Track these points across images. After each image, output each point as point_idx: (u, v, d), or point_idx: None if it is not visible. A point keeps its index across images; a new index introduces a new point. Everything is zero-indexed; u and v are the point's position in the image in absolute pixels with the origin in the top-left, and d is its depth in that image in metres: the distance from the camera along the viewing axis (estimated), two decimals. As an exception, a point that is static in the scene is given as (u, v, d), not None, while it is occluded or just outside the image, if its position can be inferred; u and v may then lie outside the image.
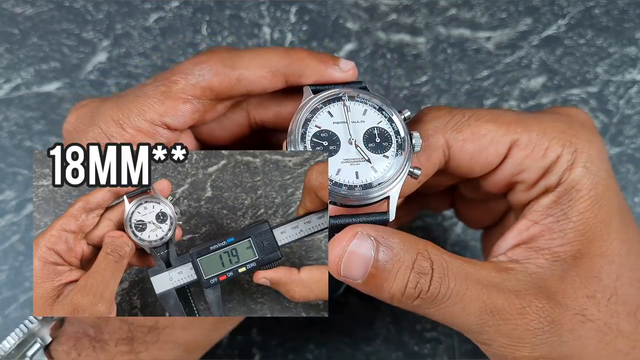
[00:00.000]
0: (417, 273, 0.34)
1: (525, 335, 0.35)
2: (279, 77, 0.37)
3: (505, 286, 0.35)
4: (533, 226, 0.38)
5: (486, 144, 0.37)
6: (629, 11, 0.56)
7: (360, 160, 0.35)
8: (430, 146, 0.37)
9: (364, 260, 0.34)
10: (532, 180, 0.38)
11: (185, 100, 0.37)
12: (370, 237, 0.34)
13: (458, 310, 0.34)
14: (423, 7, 0.57)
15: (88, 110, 0.38)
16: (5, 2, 0.56)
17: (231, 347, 0.49)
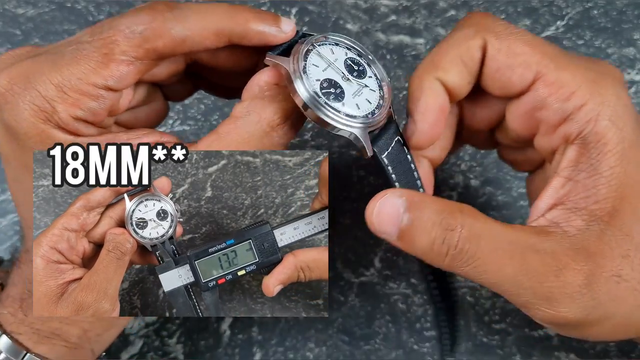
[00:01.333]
0: (445, 229, 0.35)
1: (561, 297, 0.35)
2: (222, 38, 0.37)
3: (542, 247, 0.35)
4: (567, 183, 0.37)
5: (516, 63, 0.38)
6: (627, 12, 0.56)
7: (362, 89, 0.37)
8: (472, 48, 0.38)
9: (396, 217, 0.35)
10: (552, 122, 0.38)
11: (128, 62, 0.36)
12: (403, 196, 0.35)
13: (493, 271, 0.35)
14: (422, 8, 0.57)
15: (21, 70, 0.36)
16: (7, 3, 0.57)
17: (231, 346, 0.49)
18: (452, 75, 0.38)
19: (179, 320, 0.50)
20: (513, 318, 0.49)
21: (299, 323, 0.50)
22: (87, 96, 0.35)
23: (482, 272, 0.35)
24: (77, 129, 0.36)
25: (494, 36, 0.38)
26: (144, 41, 0.35)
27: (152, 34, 0.35)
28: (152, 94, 0.42)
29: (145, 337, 0.49)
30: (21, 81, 0.36)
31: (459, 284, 0.51)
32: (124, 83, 0.36)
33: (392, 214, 0.35)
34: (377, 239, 0.52)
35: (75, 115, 0.35)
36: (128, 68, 0.36)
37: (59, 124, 0.35)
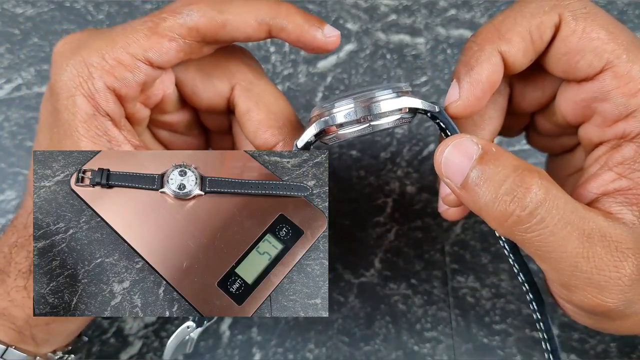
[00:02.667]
0: (518, 185, 0.32)
1: (614, 288, 0.33)
2: (263, 27, 0.37)
3: (610, 233, 0.33)
4: (620, 179, 0.36)
5: (588, 49, 0.35)
6: (627, 11, 0.56)
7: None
8: (545, 25, 0.36)
9: (466, 162, 0.33)
10: (611, 116, 0.36)
11: (171, 38, 0.36)
12: (479, 143, 0.33)
13: (555, 243, 0.32)
14: (423, 8, 0.57)
15: (77, 37, 0.38)
16: (6, 3, 0.57)
17: (231, 346, 0.49)
18: (516, 49, 0.36)
19: (178, 321, 0.50)
20: (514, 319, 0.49)
21: (299, 324, 0.50)
22: (124, 65, 0.36)
23: (543, 244, 0.33)
24: (105, 102, 0.36)
25: (570, 14, 0.36)
26: (189, 19, 0.36)
27: (197, 14, 0.36)
28: (195, 128, 0.43)
29: (144, 338, 0.49)
30: (73, 46, 0.37)
31: (459, 284, 0.51)
32: (164, 58, 0.37)
33: (462, 159, 0.33)
34: (378, 240, 0.52)
35: (110, 84, 0.36)
36: (169, 43, 0.36)
37: (90, 92, 0.36)
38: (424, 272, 0.51)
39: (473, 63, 0.36)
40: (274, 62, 0.57)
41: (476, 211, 0.34)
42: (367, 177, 0.54)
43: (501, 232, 0.34)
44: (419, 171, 0.54)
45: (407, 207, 0.53)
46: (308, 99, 0.56)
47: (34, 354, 0.39)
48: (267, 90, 0.39)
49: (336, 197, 0.53)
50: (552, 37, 0.36)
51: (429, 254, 0.52)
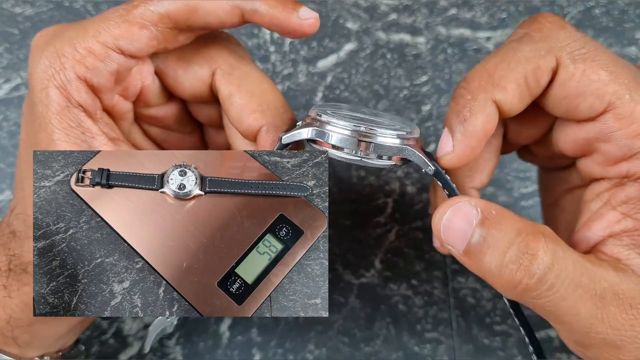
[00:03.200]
0: (523, 253, 0.31)
1: (630, 347, 0.32)
2: (235, 11, 0.36)
3: (621, 289, 0.32)
4: (625, 219, 0.35)
5: (589, 91, 0.34)
6: (629, 11, 0.56)
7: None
8: (541, 70, 0.34)
9: (467, 228, 0.32)
10: (613, 157, 0.35)
11: (142, 25, 0.36)
12: (478, 206, 0.32)
13: (567, 306, 0.31)
14: (423, 7, 0.56)
15: (53, 30, 0.38)
16: (5, 2, 0.56)
17: (231, 347, 0.49)
18: (512, 97, 0.35)
19: (178, 322, 0.49)
20: (514, 320, 0.49)
21: (299, 324, 0.50)
22: (94, 54, 0.36)
23: (555, 309, 0.32)
24: (77, 93, 0.36)
25: (568, 57, 0.34)
26: (159, 6, 0.36)
27: (168, 0, 0.36)
28: (187, 124, 0.43)
29: (144, 338, 0.49)
30: (47, 38, 0.37)
31: (459, 284, 0.51)
32: (135, 46, 0.36)
33: (463, 224, 0.32)
34: (378, 241, 0.52)
35: (81, 74, 0.36)
36: (141, 31, 0.36)
37: (63, 83, 0.36)
38: (424, 272, 0.51)
39: (466, 114, 0.35)
40: (273, 61, 0.57)
41: (482, 276, 0.32)
42: (368, 177, 0.54)
43: (510, 297, 0.32)
44: (420, 171, 0.54)
45: (407, 208, 0.53)
46: (308, 98, 0.56)
47: (18, 357, 0.38)
48: (249, 74, 0.38)
49: (336, 197, 0.53)
50: (549, 80, 0.35)
51: (430, 255, 0.52)
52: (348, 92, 0.54)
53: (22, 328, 0.38)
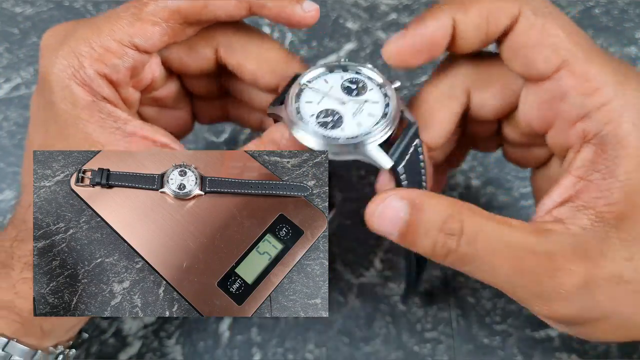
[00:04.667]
0: (446, 234, 0.35)
1: (556, 296, 0.35)
2: (244, 4, 0.38)
3: (540, 249, 0.35)
4: (578, 182, 0.36)
5: (546, 44, 0.36)
6: (628, 11, 0.56)
7: (362, 104, 0.37)
8: (504, 10, 0.36)
9: (396, 219, 0.35)
10: (570, 116, 0.37)
11: (154, 22, 0.38)
12: (404, 198, 0.35)
13: (488, 270, 0.35)
14: (423, 7, 0.57)
15: (63, 29, 0.39)
16: (5, 2, 0.57)
17: (231, 347, 0.49)
18: (470, 21, 0.37)
19: (178, 321, 0.50)
20: (514, 319, 0.49)
21: (299, 324, 0.50)
22: (112, 52, 0.37)
23: (479, 272, 0.36)
24: (99, 88, 0.37)
25: (530, 9, 0.36)
26: (170, 3, 0.37)
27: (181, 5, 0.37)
28: (181, 99, 0.45)
29: (143, 338, 0.49)
30: (59, 37, 0.38)
31: (459, 284, 0.51)
32: (149, 42, 0.38)
33: (393, 217, 0.35)
34: (378, 240, 0.52)
35: (100, 71, 0.37)
36: (154, 28, 0.38)
37: (84, 80, 0.37)
38: (424, 272, 0.51)
39: (424, 17, 0.37)
40: (273, 61, 0.57)
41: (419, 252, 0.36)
42: (368, 176, 0.54)
43: (447, 265, 0.36)
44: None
45: (407, 207, 0.53)
46: (308, 98, 0.56)
47: (35, 347, 0.39)
48: (248, 41, 0.41)
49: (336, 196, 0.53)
50: (508, 28, 0.37)
51: (430, 254, 0.52)
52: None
53: (45, 317, 0.39)
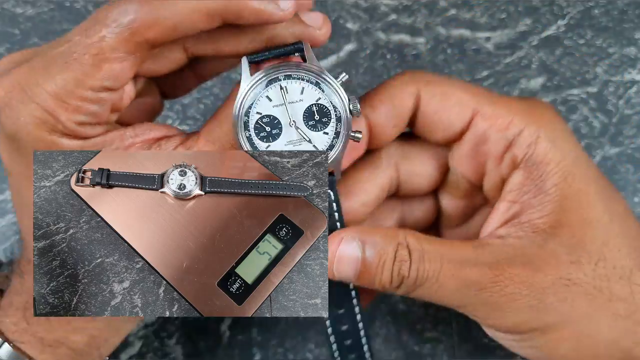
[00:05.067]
0: (399, 261, 0.37)
1: (502, 301, 0.37)
2: (215, 19, 0.34)
3: (480, 260, 0.37)
4: (513, 205, 0.39)
5: (452, 104, 0.40)
6: (628, 11, 0.56)
7: (302, 141, 0.37)
8: (404, 92, 0.40)
9: (353, 261, 0.37)
10: (497, 152, 0.40)
11: (121, 59, 0.34)
12: (355, 238, 0.38)
13: (437, 289, 0.37)
14: (423, 8, 0.57)
15: (15, 80, 0.35)
16: (6, 3, 0.57)
17: (231, 346, 0.49)
18: (379, 116, 0.40)
19: (178, 321, 0.50)
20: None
21: (299, 324, 0.50)
22: (87, 101, 0.34)
23: (430, 293, 0.38)
24: (83, 133, 0.35)
25: (425, 84, 0.40)
26: (133, 35, 0.33)
27: (141, 25, 0.33)
28: (147, 87, 0.41)
29: (144, 338, 0.49)
30: (18, 93, 0.34)
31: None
32: (121, 81, 0.35)
33: (351, 259, 0.38)
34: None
35: (79, 120, 0.35)
36: (122, 65, 0.34)
37: (64, 131, 0.35)
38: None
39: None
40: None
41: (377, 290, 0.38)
42: (367, 177, 0.54)
43: (401, 294, 0.38)
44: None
45: (407, 207, 0.53)
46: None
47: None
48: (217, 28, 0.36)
49: (336, 197, 0.53)
50: (415, 106, 0.40)
51: (429, 254, 0.52)
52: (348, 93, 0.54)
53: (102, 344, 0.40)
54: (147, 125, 0.38)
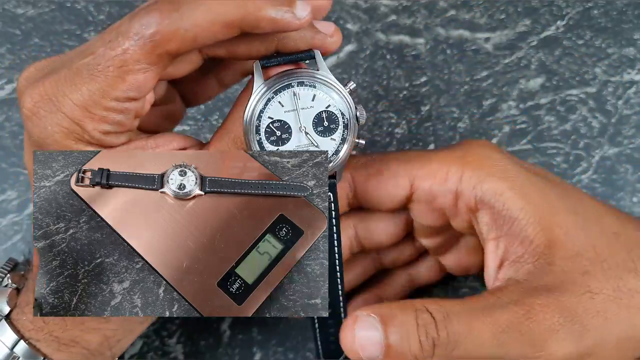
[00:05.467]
0: (423, 326, 0.35)
1: (545, 335, 0.36)
2: (233, 29, 0.35)
3: (504, 302, 0.36)
4: (499, 241, 0.39)
5: (386, 177, 0.42)
6: (627, 12, 0.56)
7: (310, 146, 0.38)
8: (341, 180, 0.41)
9: (376, 339, 0.35)
10: (450, 204, 0.41)
11: (144, 70, 0.35)
12: (371, 315, 0.36)
13: (475, 342, 0.35)
14: (422, 8, 0.57)
15: (43, 91, 0.36)
16: (7, 3, 0.57)
17: (231, 346, 0.49)
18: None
19: (179, 321, 0.50)
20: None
21: (299, 323, 0.50)
22: (112, 111, 0.35)
23: (471, 350, 0.36)
24: (108, 142, 0.37)
25: (362, 167, 0.42)
26: (155, 47, 0.34)
27: (162, 38, 0.34)
28: (169, 94, 0.43)
29: (144, 337, 0.49)
30: (45, 103, 0.35)
31: (459, 283, 0.51)
32: (144, 90, 0.36)
33: (373, 337, 0.35)
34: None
35: (104, 130, 0.36)
36: (145, 75, 0.35)
37: (90, 141, 0.36)
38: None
39: None
40: (274, 62, 0.57)
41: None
42: (367, 177, 0.54)
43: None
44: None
45: (406, 207, 0.53)
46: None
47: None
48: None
49: (336, 197, 0.53)
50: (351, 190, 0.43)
51: (429, 254, 0.52)
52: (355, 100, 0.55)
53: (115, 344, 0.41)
54: (168, 135, 0.39)
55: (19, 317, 0.38)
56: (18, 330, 0.38)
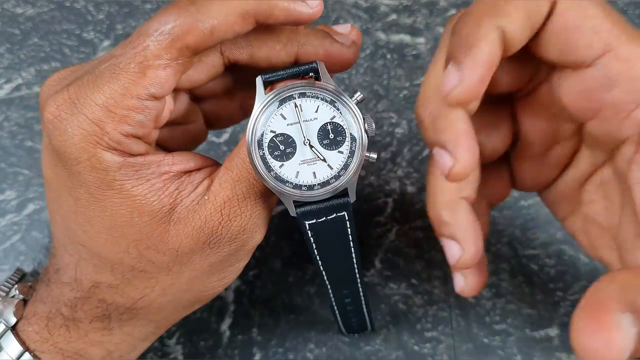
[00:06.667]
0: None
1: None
2: (249, 20, 0.35)
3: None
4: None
5: (586, 27, 0.32)
6: (628, 11, 0.56)
7: (316, 160, 0.36)
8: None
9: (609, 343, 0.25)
10: (623, 105, 0.33)
11: (165, 66, 0.35)
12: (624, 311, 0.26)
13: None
14: (423, 8, 0.57)
15: (67, 96, 0.36)
16: (6, 3, 0.57)
17: (231, 346, 0.49)
18: (515, 24, 0.32)
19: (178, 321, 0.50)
20: (514, 319, 0.49)
21: (299, 323, 0.50)
22: (133, 110, 0.35)
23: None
24: (128, 147, 0.35)
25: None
26: (174, 41, 0.34)
27: (180, 31, 0.34)
28: (192, 112, 0.42)
29: (144, 338, 0.49)
30: (68, 107, 0.35)
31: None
32: (166, 88, 0.35)
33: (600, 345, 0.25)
34: (378, 240, 0.52)
35: (125, 131, 0.35)
36: (166, 71, 0.35)
37: (110, 144, 0.35)
38: (424, 272, 0.51)
39: (472, 41, 0.32)
40: (274, 62, 0.57)
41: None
42: (368, 176, 0.54)
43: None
44: (420, 171, 0.54)
45: (407, 207, 0.53)
46: (308, 98, 0.56)
47: None
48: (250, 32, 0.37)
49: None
50: (548, 14, 0.33)
51: (430, 254, 0.52)
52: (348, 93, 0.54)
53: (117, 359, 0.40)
54: (187, 155, 0.38)
55: (25, 328, 0.38)
56: (23, 341, 0.38)
